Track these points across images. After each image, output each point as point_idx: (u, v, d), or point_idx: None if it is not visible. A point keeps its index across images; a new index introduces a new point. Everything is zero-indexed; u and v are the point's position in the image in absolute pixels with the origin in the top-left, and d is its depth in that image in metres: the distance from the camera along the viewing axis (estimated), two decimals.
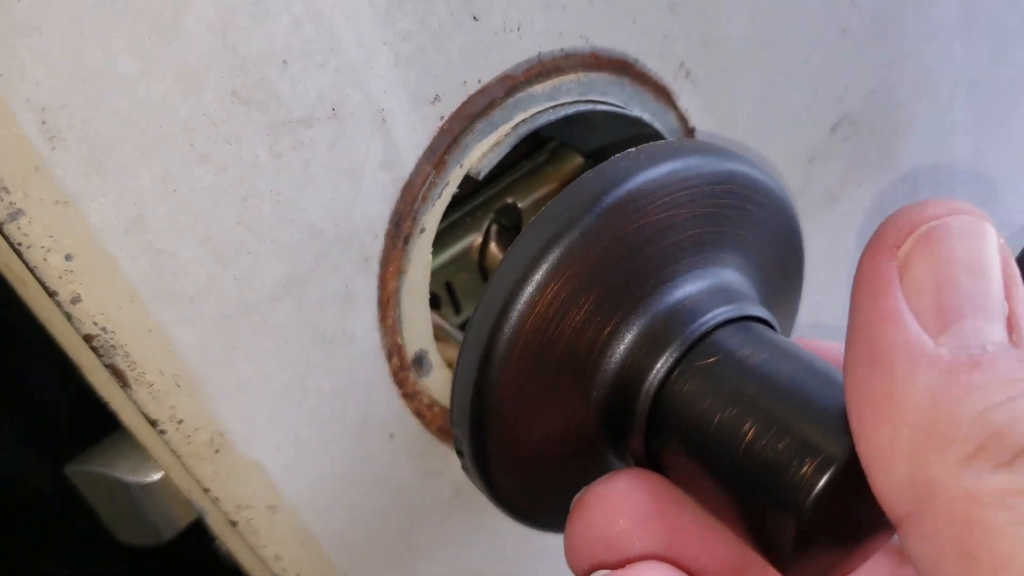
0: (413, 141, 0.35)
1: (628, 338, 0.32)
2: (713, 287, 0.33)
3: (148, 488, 0.37)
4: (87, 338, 0.31)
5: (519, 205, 0.44)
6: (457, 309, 0.44)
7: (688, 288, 0.33)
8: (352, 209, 0.34)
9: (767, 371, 0.30)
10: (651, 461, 0.32)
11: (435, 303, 0.43)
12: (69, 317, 0.30)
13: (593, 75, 0.39)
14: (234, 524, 0.36)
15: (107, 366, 0.32)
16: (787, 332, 0.40)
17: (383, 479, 0.39)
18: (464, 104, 0.36)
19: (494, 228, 0.44)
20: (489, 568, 0.45)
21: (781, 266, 0.38)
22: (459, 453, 0.34)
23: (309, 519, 0.38)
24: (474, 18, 0.35)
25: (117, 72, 0.28)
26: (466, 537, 0.43)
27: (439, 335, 0.42)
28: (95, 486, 0.38)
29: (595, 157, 0.45)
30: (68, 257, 0.29)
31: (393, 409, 0.38)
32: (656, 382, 0.32)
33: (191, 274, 0.32)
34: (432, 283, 0.42)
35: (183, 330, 0.32)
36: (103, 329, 0.31)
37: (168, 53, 0.29)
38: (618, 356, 0.32)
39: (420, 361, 0.39)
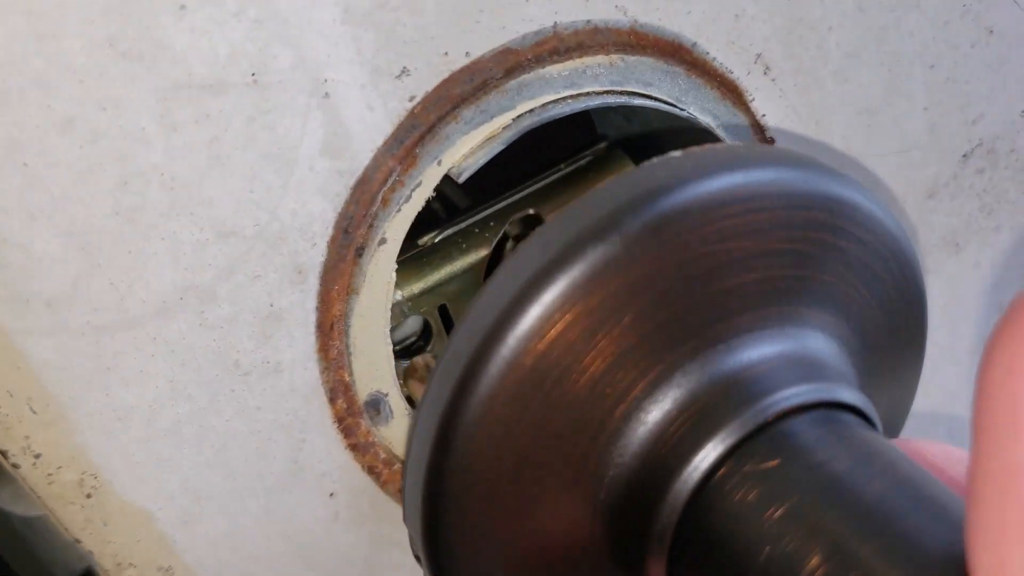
0: (369, 124, 0.27)
1: (667, 404, 0.23)
2: (787, 354, 0.24)
3: (32, 523, 0.30)
4: None
5: (544, 218, 0.35)
6: None
7: (751, 352, 0.24)
8: (279, 204, 0.27)
9: (850, 488, 0.21)
10: None
11: (425, 332, 0.35)
12: None
13: (632, 58, 0.30)
14: None
15: None
16: (897, 427, 0.30)
17: (318, 545, 0.31)
18: (444, 83, 0.27)
19: (508, 243, 0.35)
20: None
21: (891, 331, 0.27)
22: (416, 558, 0.26)
23: None
24: None
25: None
26: None
27: (417, 374, 0.34)
28: None
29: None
30: None
31: (336, 461, 0.30)
32: (694, 479, 0.23)
33: (49, 273, 0.25)
34: (422, 305, 0.34)
35: (37, 342, 0.25)
36: None
37: None
38: (647, 428, 0.23)
39: (376, 405, 0.31)
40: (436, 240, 0.34)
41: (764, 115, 0.32)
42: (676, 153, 0.24)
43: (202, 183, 0.25)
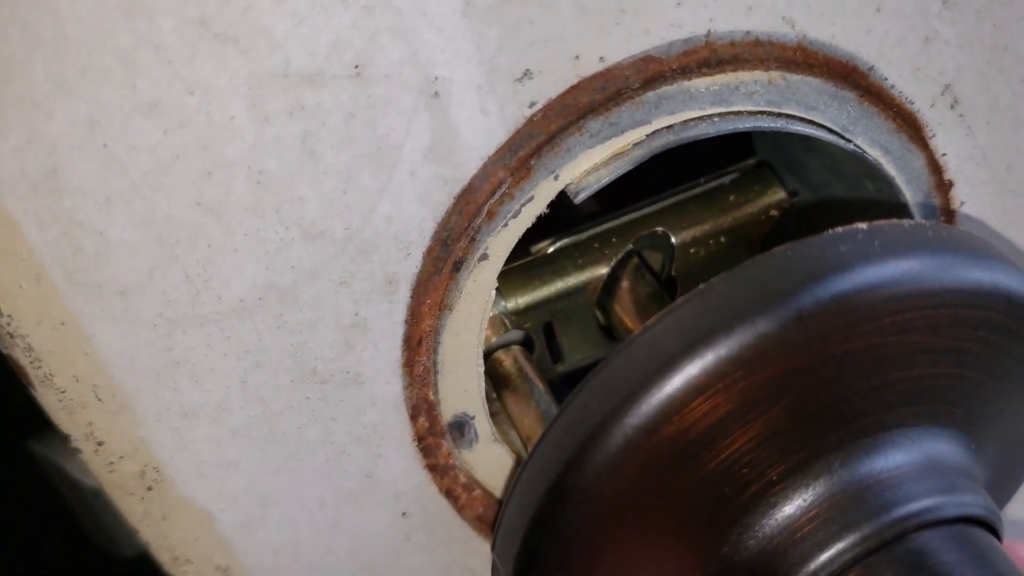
0: (482, 130, 0.24)
1: (803, 494, 0.22)
2: (930, 459, 0.23)
3: (100, 495, 0.29)
4: None
5: (672, 239, 0.31)
6: (557, 358, 0.33)
7: (896, 452, 0.22)
8: (373, 209, 0.24)
9: None
10: None
11: (527, 345, 0.32)
12: None
13: (796, 77, 0.26)
14: None
15: (6, 357, 0.24)
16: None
17: (386, 565, 0.30)
18: (572, 89, 0.24)
19: (632, 262, 0.32)
20: None
21: None
22: None
23: None
24: None
25: None
26: None
27: (513, 393, 0.31)
28: (53, 475, 0.31)
29: (795, 203, 0.32)
30: None
31: (412, 481, 0.28)
32: None
33: (123, 261, 0.23)
34: (526, 320, 0.31)
35: (108, 330, 0.24)
36: None
37: None
38: (778, 514, 0.22)
39: (460, 427, 0.28)
40: (550, 250, 0.31)
41: (945, 154, 0.28)
42: (862, 226, 0.22)
43: (292, 180, 0.23)
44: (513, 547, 0.23)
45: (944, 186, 0.28)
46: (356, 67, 0.22)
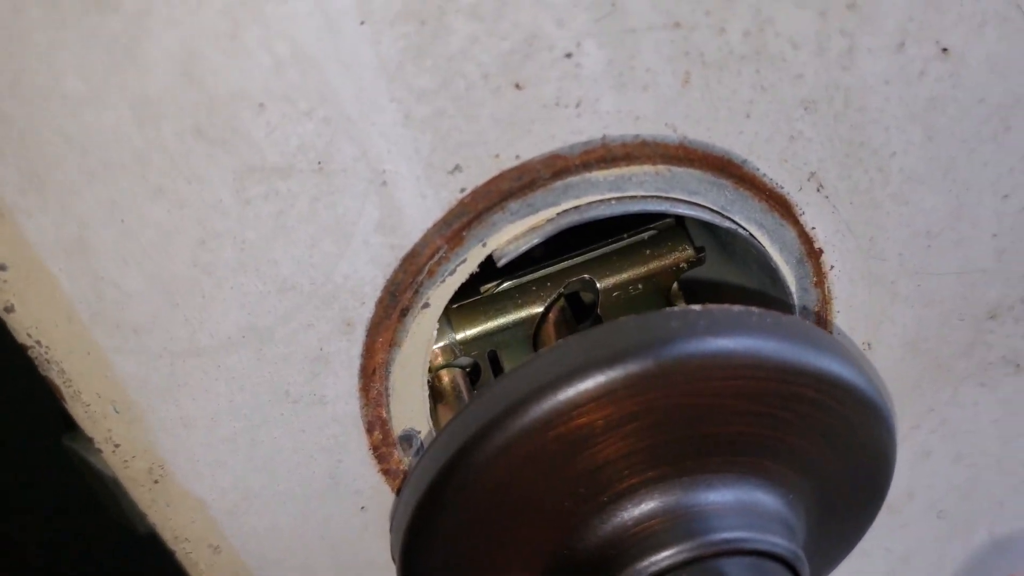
0: (422, 209, 0.30)
1: (642, 508, 0.27)
2: (742, 501, 0.28)
3: (119, 483, 0.36)
4: (23, 348, 0.30)
5: (597, 284, 0.37)
6: None
7: (714, 491, 0.28)
8: (334, 269, 0.30)
9: None
10: None
11: (475, 373, 0.38)
12: (3, 324, 0.29)
13: (680, 169, 0.31)
14: (172, 552, 0.34)
15: (44, 377, 0.31)
16: (836, 563, 0.34)
17: (348, 550, 0.36)
18: (494, 179, 0.30)
19: (560, 304, 0.38)
20: None
21: (853, 490, 0.31)
22: (393, 559, 0.31)
23: (255, 568, 0.35)
24: (516, 86, 0.29)
25: (63, 92, 0.26)
26: None
27: (446, 407, 0.37)
28: (82, 466, 0.38)
29: (701, 259, 0.38)
30: (2, 267, 0.28)
31: (368, 482, 0.35)
32: (645, 574, 0.27)
33: (136, 307, 0.29)
34: (473, 348, 0.38)
35: (124, 359, 0.30)
36: (37, 342, 0.30)
37: (122, 79, 0.26)
38: (620, 521, 0.28)
39: (409, 439, 0.34)
40: (496, 291, 0.37)
41: (814, 227, 0.33)
42: (695, 307, 0.27)
43: (268, 247, 0.29)
44: (406, 516, 0.28)
45: (815, 253, 0.34)
46: (319, 163, 0.29)
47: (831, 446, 0.28)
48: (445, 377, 0.37)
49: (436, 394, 0.37)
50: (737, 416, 0.27)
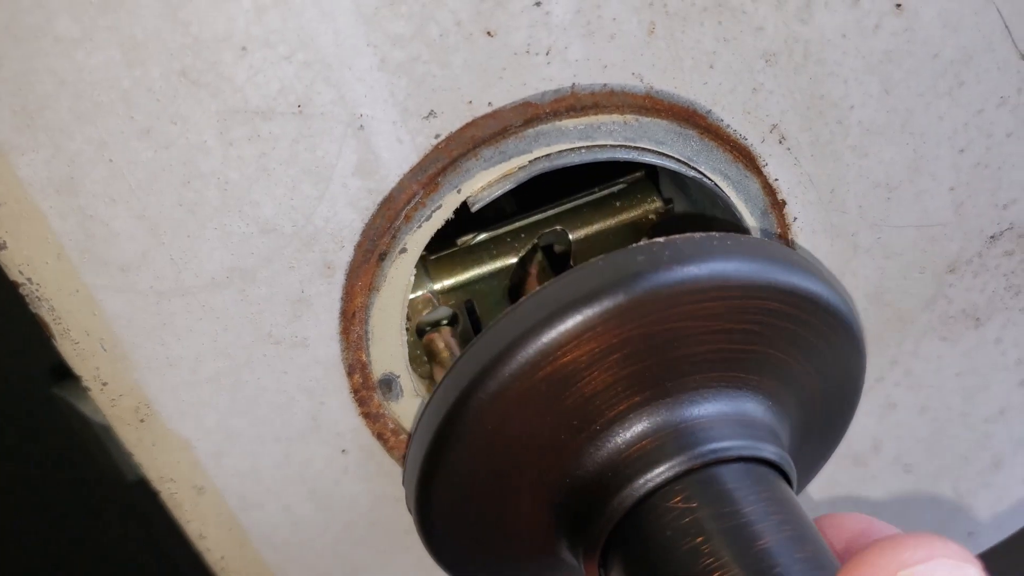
0: (398, 154, 0.31)
1: (634, 430, 0.29)
2: (726, 413, 0.29)
3: (108, 431, 0.37)
4: (14, 285, 0.31)
5: (570, 235, 0.39)
6: (477, 330, 0.40)
7: (697, 407, 0.29)
8: (314, 211, 0.32)
9: (745, 539, 0.26)
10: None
11: (453, 322, 0.40)
12: None
13: (647, 119, 0.33)
14: (156, 493, 0.36)
15: (34, 314, 0.32)
16: (817, 469, 0.35)
17: (326, 491, 0.37)
18: (468, 126, 0.32)
19: (537, 255, 0.39)
20: None
21: (827, 398, 0.32)
22: (410, 511, 0.32)
23: (237, 508, 0.37)
24: (488, 33, 0.30)
25: (56, 32, 0.27)
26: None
27: (439, 367, 0.38)
28: (71, 414, 0.39)
29: (669, 210, 0.39)
30: None
31: (349, 425, 0.36)
32: (641, 491, 0.28)
33: (123, 245, 0.31)
34: (451, 299, 0.39)
35: (111, 297, 0.32)
36: (28, 279, 0.31)
37: (113, 21, 0.27)
38: (615, 444, 0.29)
39: (388, 384, 0.36)
40: (472, 243, 0.39)
41: (777, 179, 0.35)
42: (659, 240, 0.28)
43: (251, 188, 0.31)
44: (413, 478, 0.30)
45: (779, 204, 0.36)
46: (299, 106, 0.30)
47: (803, 354, 0.29)
48: (440, 342, 0.38)
49: (431, 356, 0.38)
50: (710, 335, 0.28)
